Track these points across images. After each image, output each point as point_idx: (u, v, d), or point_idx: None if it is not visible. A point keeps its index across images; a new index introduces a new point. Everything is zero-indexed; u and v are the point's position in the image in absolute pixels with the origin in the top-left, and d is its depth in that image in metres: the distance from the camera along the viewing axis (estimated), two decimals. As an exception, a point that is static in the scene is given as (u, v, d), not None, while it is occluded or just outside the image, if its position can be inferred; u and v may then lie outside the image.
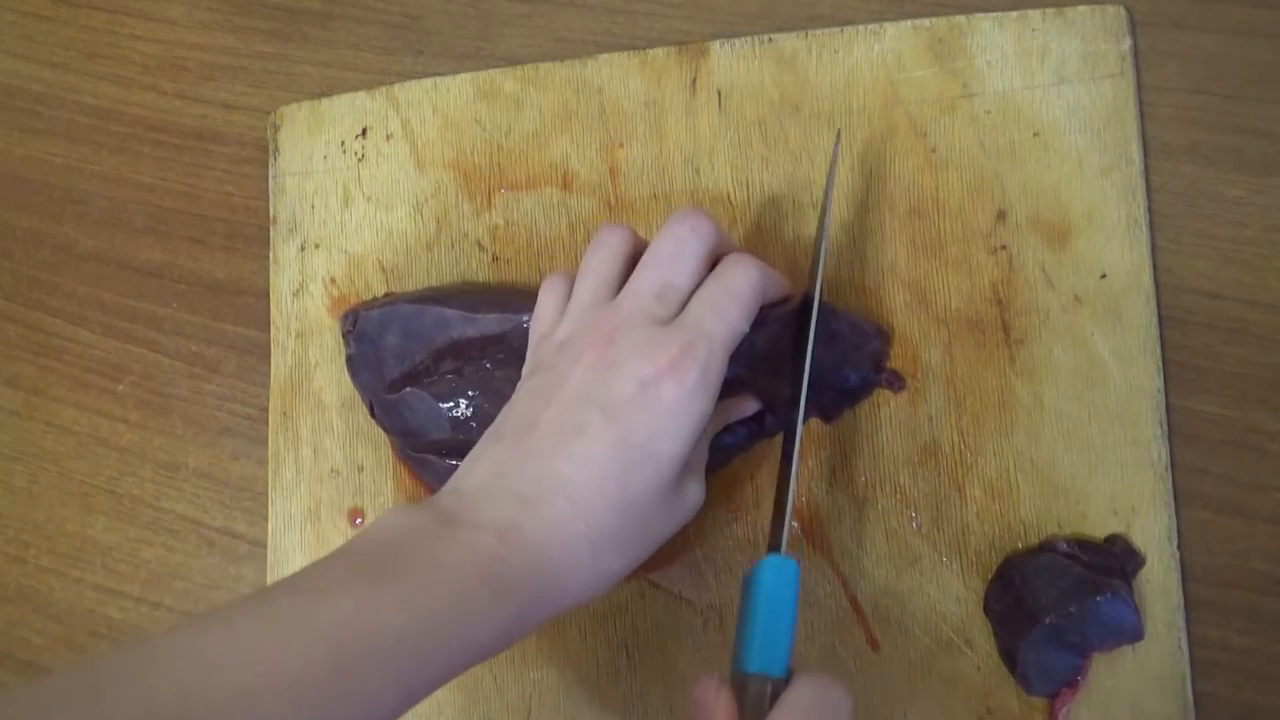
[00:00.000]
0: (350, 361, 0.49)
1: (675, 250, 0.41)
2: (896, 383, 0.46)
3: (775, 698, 0.36)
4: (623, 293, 0.41)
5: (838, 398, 0.47)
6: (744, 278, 0.40)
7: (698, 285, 0.41)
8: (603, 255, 0.43)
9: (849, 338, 0.46)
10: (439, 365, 0.47)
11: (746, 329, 0.40)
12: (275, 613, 0.33)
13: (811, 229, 0.48)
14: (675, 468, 0.38)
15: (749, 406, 0.45)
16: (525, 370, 0.43)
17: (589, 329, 0.40)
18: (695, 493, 0.41)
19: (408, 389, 0.47)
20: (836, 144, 0.47)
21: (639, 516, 0.38)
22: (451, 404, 0.46)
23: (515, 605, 0.36)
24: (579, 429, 0.38)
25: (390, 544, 0.36)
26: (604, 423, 0.38)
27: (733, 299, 0.40)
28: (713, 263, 0.42)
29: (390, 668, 0.33)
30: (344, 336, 0.50)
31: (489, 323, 0.46)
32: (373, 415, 0.49)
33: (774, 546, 0.41)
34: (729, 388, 0.41)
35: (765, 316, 0.43)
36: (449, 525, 0.37)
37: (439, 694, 0.48)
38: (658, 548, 0.40)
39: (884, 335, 0.47)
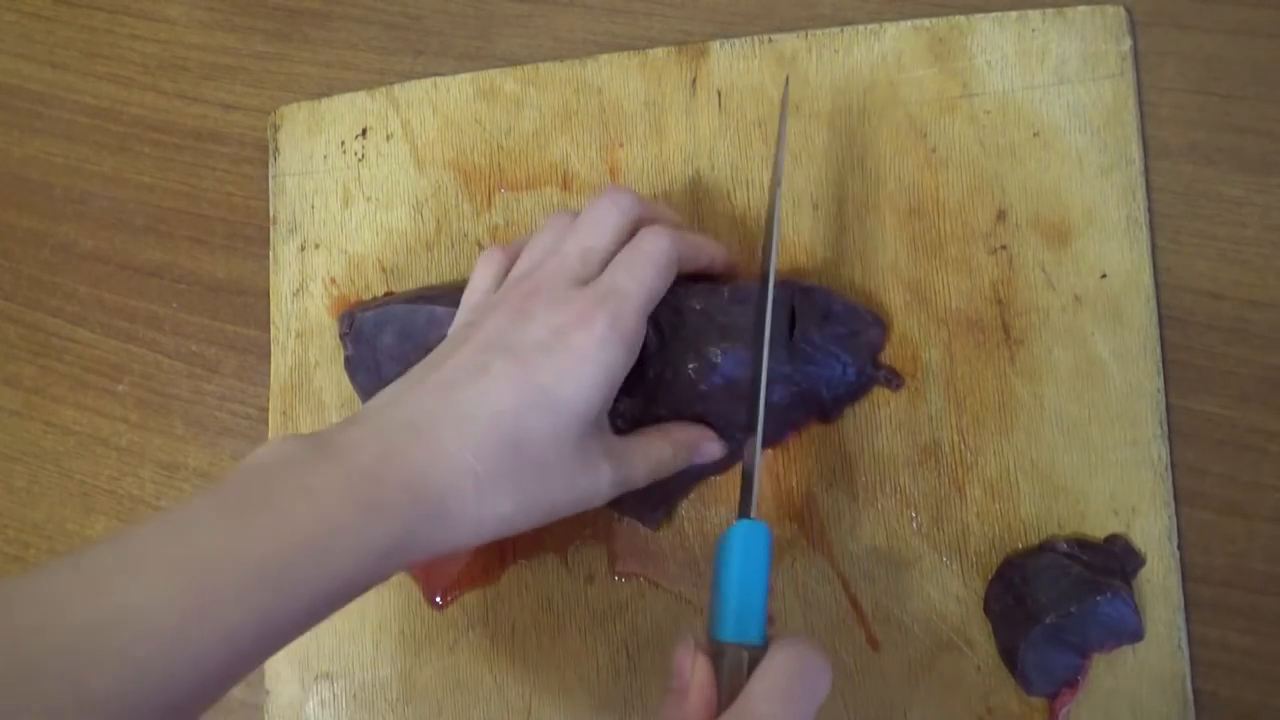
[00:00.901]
0: (348, 363, 0.50)
1: (596, 219, 0.42)
2: (895, 380, 0.46)
3: (754, 666, 0.35)
4: (546, 256, 0.42)
5: (834, 392, 0.46)
6: (654, 242, 0.41)
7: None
8: (547, 236, 0.44)
9: (845, 322, 0.46)
10: None
11: (661, 288, 0.41)
12: (126, 549, 0.32)
13: (812, 229, 0.48)
14: (577, 420, 0.38)
15: (713, 449, 0.45)
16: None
17: (512, 286, 0.42)
18: (605, 475, 0.40)
19: None
20: (785, 90, 0.47)
21: (532, 462, 0.37)
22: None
23: (391, 530, 0.35)
24: (483, 367, 0.38)
25: (260, 471, 0.35)
26: (507, 363, 0.38)
27: (645, 260, 0.41)
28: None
29: (249, 600, 0.32)
30: (341, 338, 0.50)
31: None
32: None
33: (744, 512, 0.40)
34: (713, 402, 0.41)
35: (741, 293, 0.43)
36: (326, 450, 0.36)
37: (438, 694, 0.48)
38: (551, 516, 0.39)
39: (881, 325, 0.47)
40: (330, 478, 0.35)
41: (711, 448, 0.45)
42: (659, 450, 0.43)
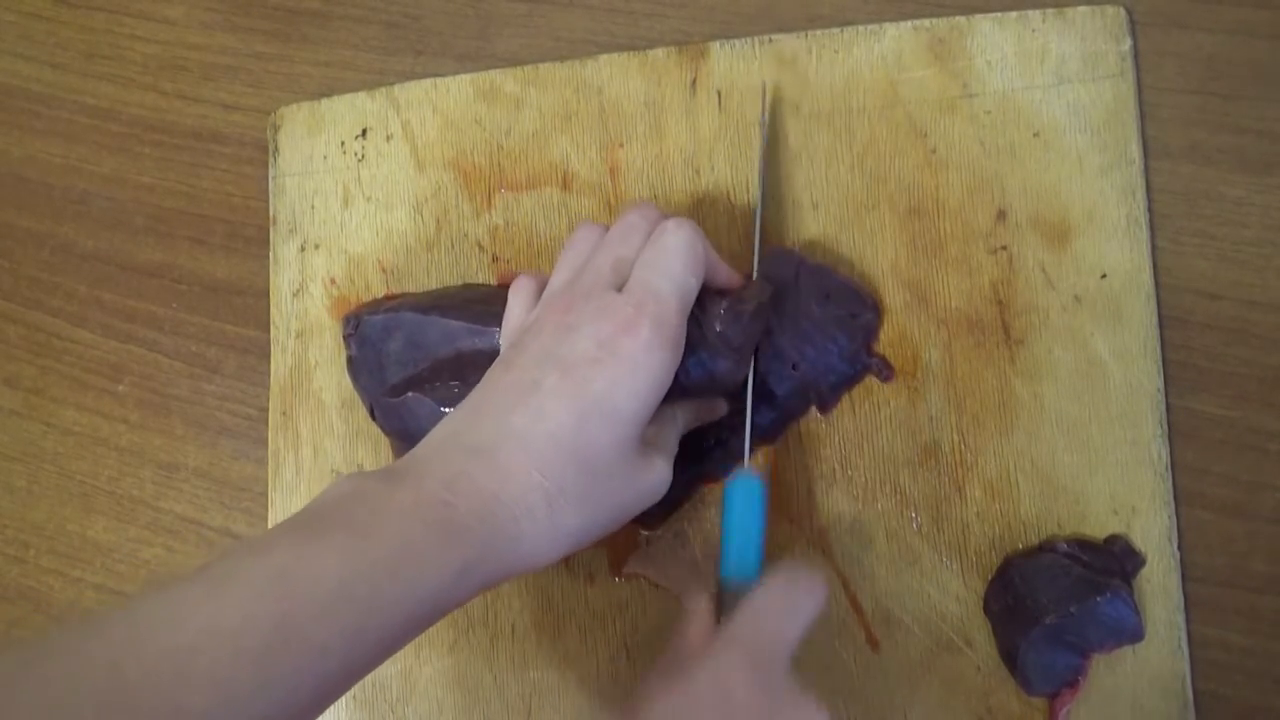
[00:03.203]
0: (351, 364, 0.49)
1: (625, 231, 0.42)
2: (886, 371, 0.47)
3: None
4: (579, 270, 0.42)
5: (829, 379, 0.47)
6: (675, 234, 0.41)
7: None
8: (577, 249, 0.44)
9: (844, 302, 0.46)
10: (441, 374, 0.47)
11: (695, 283, 0.41)
12: (209, 574, 0.33)
13: (812, 229, 0.48)
14: (634, 426, 0.38)
15: (720, 407, 0.46)
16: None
17: (550, 304, 0.42)
18: (661, 470, 0.41)
19: (410, 394, 0.47)
20: (764, 97, 0.48)
21: (597, 473, 0.38)
22: (455, 408, 0.46)
23: (466, 551, 0.35)
24: (535, 385, 0.38)
25: (334, 501, 0.36)
26: (560, 378, 0.38)
27: (671, 254, 0.41)
28: None
29: (333, 616, 0.33)
30: (345, 339, 0.50)
31: (496, 336, 0.46)
32: (372, 417, 0.49)
33: (741, 463, 0.45)
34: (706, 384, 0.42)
35: (737, 311, 0.43)
36: (394, 479, 0.37)
37: (438, 693, 0.48)
38: (619, 521, 0.40)
39: (876, 309, 0.47)
40: (403, 503, 0.36)
41: (713, 405, 0.46)
42: (681, 415, 0.44)
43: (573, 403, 0.38)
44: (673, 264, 0.40)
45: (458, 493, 0.36)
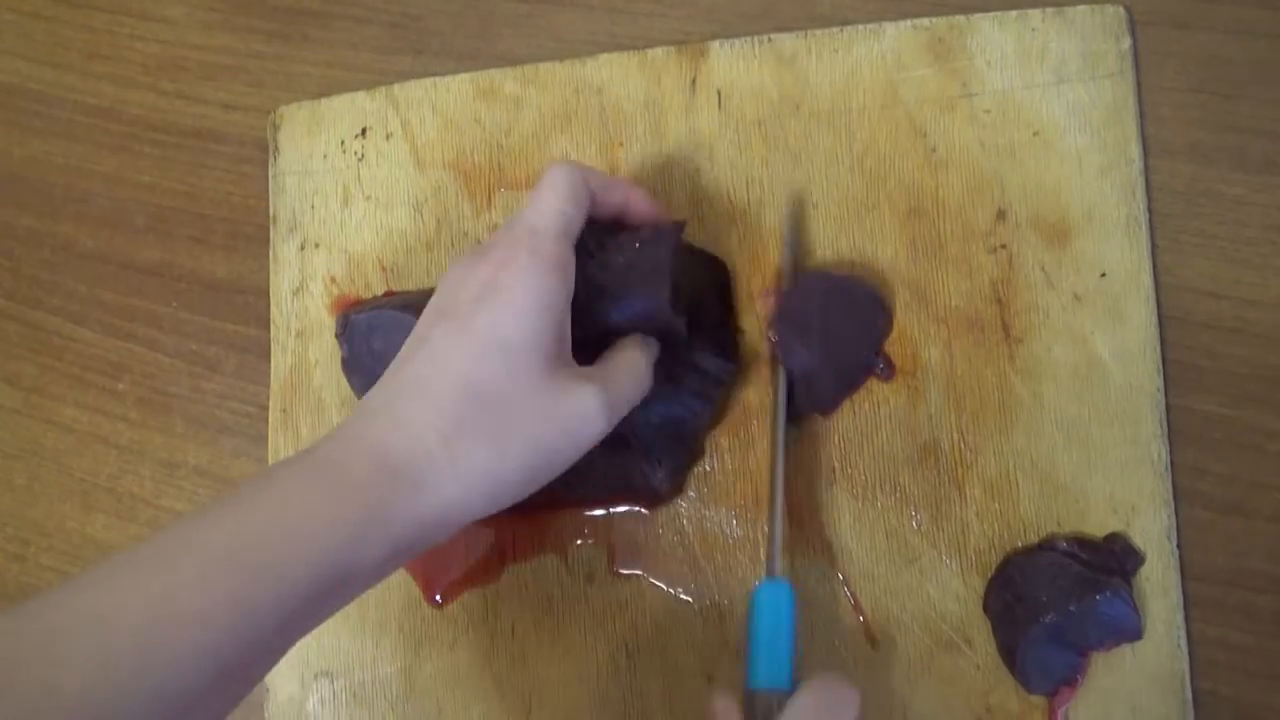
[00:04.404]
0: (345, 363, 0.50)
1: (536, 196, 0.42)
2: (889, 370, 0.47)
3: None
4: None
5: (837, 382, 0.47)
6: (549, 173, 0.41)
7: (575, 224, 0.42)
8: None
9: (868, 311, 0.46)
10: None
11: (574, 211, 0.41)
12: (94, 567, 0.33)
13: (812, 229, 0.48)
14: (531, 353, 0.38)
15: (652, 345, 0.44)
16: None
17: (444, 275, 0.42)
18: (587, 400, 0.39)
19: None
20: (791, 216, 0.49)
21: (497, 404, 0.37)
22: None
23: (359, 506, 0.35)
24: (424, 339, 0.39)
25: (238, 486, 0.37)
26: (446, 323, 0.39)
27: (547, 189, 0.41)
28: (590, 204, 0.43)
29: (215, 585, 0.32)
30: (337, 338, 0.50)
31: None
32: None
33: (770, 571, 0.43)
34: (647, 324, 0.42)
35: (639, 239, 0.43)
36: (300, 455, 0.37)
37: (438, 692, 0.48)
38: (548, 458, 0.39)
39: (888, 313, 0.47)
40: (296, 471, 0.36)
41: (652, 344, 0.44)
42: (633, 358, 0.42)
43: (460, 342, 0.38)
44: (546, 197, 0.41)
45: (351, 452, 0.36)
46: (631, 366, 0.42)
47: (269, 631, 0.33)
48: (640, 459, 0.46)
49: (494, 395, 0.37)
